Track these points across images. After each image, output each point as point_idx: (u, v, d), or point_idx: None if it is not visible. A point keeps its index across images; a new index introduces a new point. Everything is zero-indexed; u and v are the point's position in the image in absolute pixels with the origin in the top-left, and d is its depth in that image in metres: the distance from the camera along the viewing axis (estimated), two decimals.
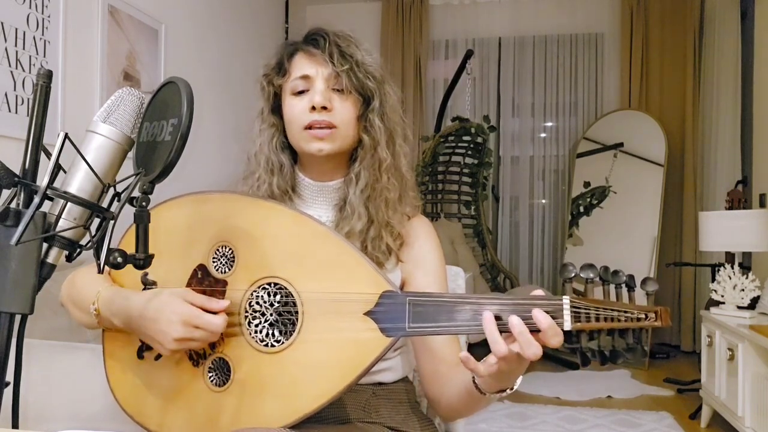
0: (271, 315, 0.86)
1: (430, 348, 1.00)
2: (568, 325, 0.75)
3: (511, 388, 0.85)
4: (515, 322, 0.74)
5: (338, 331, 0.82)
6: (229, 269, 0.89)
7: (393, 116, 1.05)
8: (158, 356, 0.91)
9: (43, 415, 1.24)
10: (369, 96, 1.02)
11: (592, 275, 0.80)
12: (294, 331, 0.84)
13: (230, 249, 0.90)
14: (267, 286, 0.87)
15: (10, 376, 0.66)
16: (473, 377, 0.86)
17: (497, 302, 0.77)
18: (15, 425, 0.69)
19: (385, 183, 1.02)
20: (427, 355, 1.01)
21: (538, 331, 0.74)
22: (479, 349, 1.01)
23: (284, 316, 0.86)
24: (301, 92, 1.01)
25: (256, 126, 1.08)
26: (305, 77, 1.01)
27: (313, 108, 0.98)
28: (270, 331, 0.86)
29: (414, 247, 1.06)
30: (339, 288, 0.83)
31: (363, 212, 1.01)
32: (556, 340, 0.74)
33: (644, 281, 0.79)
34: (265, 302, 0.87)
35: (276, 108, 1.06)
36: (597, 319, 0.76)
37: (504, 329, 0.75)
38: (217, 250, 0.91)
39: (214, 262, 0.91)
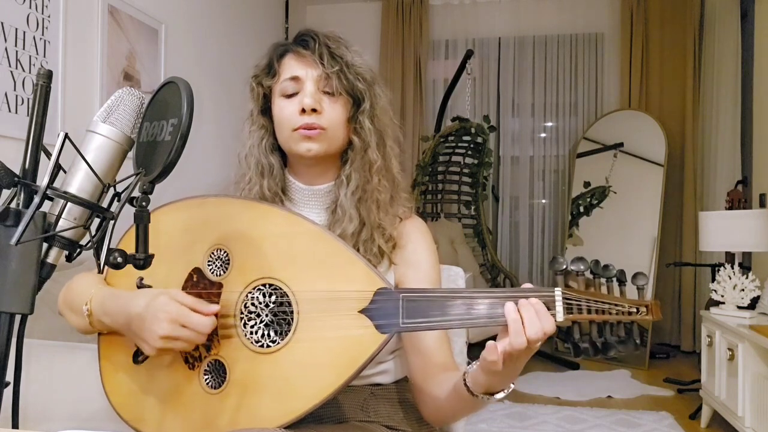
0: (267, 316, 0.86)
1: (419, 348, 0.99)
2: (560, 317, 0.75)
3: (504, 392, 0.83)
4: (533, 302, 0.76)
5: (333, 330, 0.82)
6: (224, 272, 0.89)
7: (383, 118, 1.04)
8: (145, 358, 0.91)
9: (43, 415, 1.24)
10: (359, 98, 1.00)
11: (582, 267, 0.80)
12: (289, 331, 0.84)
13: (225, 252, 0.90)
14: (262, 287, 0.87)
15: (10, 376, 0.66)
16: (464, 378, 0.85)
17: (489, 296, 0.77)
18: (15, 425, 0.70)
19: (375, 185, 1.01)
20: (417, 355, 1.00)
21: None
22: (479, 349, 1.01)
23: (279, 316, 0.86)
24: (291, 95, 1.00)
25: (246, 128, 1.07)
26: (295, 78, 1.00)
27: (303, 110, 0.97)
28: (265, 332, 0.86)
29: (407, 249, 1.04)
30: (334, 287, 0.83)
31: (354, 214, 1.00)
32: (550, 327, 0.76)
33: (635, 276, 0.80)
34: (260, 303, 0.87)
35: (266, 110, 1.06)
36: (588, 311, 0.76)
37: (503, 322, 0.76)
38: (212, 253, 0.91)
39: (209, 265, 0.91)
